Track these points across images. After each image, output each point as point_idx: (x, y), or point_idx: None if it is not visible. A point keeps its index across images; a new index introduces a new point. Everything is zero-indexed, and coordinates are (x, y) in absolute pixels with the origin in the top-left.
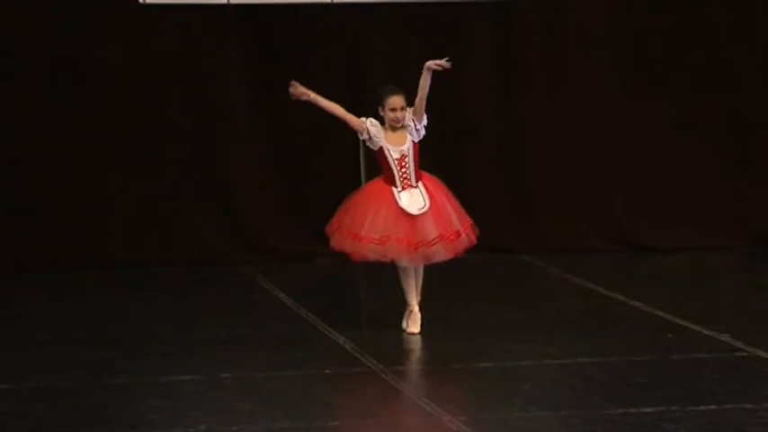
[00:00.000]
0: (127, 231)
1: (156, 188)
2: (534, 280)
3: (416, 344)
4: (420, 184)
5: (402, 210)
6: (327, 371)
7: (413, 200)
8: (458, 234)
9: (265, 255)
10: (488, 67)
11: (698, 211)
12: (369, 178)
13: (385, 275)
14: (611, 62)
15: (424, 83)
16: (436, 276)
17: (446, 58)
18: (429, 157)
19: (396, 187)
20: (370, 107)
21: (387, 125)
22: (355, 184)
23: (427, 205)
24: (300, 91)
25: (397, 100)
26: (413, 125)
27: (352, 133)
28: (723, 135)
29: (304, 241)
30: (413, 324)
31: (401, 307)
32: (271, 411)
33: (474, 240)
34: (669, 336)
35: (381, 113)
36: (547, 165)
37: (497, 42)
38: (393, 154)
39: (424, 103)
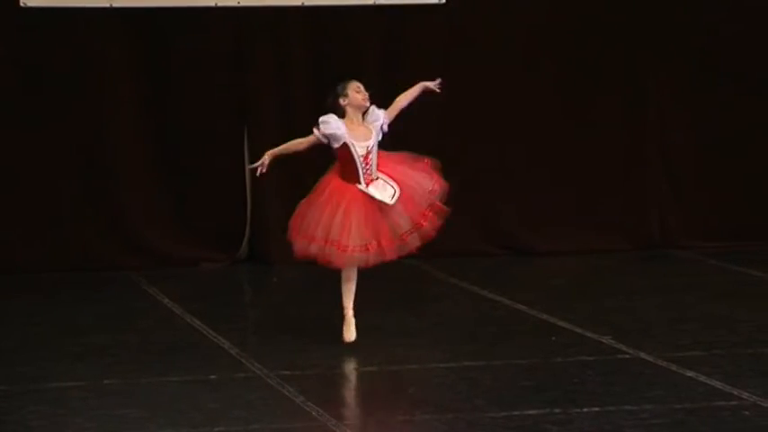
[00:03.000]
0: (7, 235)
1: (37, 190)
2: (420, 284)
3: (301, 349)
4: (380, 174)
5: (373, 207)
6: (212, 376)
7: (380, 189)
8: (426, 212)
9: (150, 260)
10: (374, 68)
11: (583, 215)
12: (254, 182)
13: (274, 281)
14: (503, 61)
15: (412, 95)
16: (321, 280)
17: (438, 81)
18: (312, 158)
19: (359, 184)
20: (253, 109)
21: (349, 115)
22: (240, 188)
23: (397, 192)
24: (263, 164)
25: (358, 84)
26: (381, 123)
27: (238, 137)
28: (612, 139)
29: (189, 246)
30: (348, 331)
31: (287, 312)
32: (155, 417)
33: (443, 187)
34: (553, 339)
35: (344, 103)
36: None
37: (382, 44)
38: (358, 150)
39: (399, 111)
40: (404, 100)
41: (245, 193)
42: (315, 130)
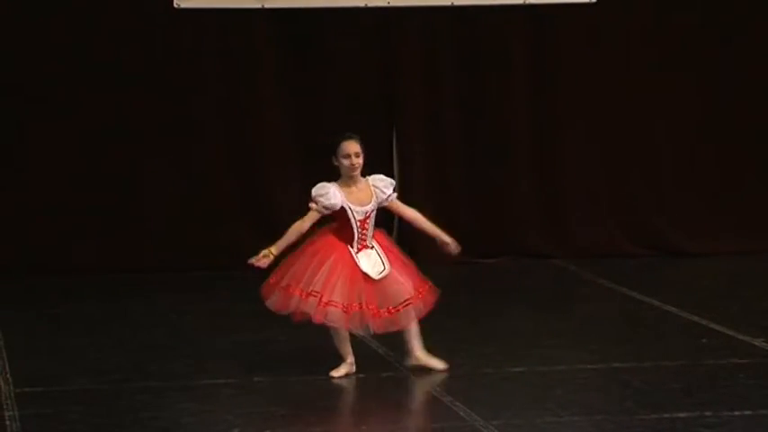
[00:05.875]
0: (160, 235)
1: (189, 191)
2: (567, 284)
3: (449, 348)
4: (375, 243)
5: (363, 273)
6: (360, 375)
7: (371, 262)
8: (427, 288)
9: None
10: (523, 67)
11: (732, 215)
12: (402, 178)
13: None
14: (646, 62)
15: (428, 229)
16: (466, 281)
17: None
18: (460, 159)
19: (351, 247)
20: (402, 109)
21: (344, 178)
22: None
23: (387, 268)
24: (261, 260)
25: (350, 145)
26: (386, 195)
27: (387, 137)
28: (760, 138)
29: None
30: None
31: (434, 311)
32: (303, 415)
33: (432, 304)
34: (703, 340)
35: (336, 164)
36: (579, 168)
37: (532, 43)
38: (356, 215)
39: (406, 219)
40: (419, 223)
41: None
42: (312, 206)
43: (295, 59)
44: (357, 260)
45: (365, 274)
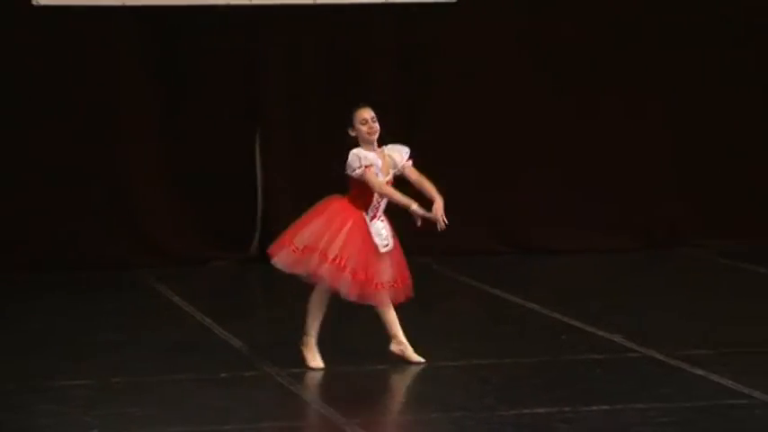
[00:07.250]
0: (20, 235)
1: (49, 190)
2: (430, 282)
3: None
4: (385, 219)
5: (371, 241)
6: (222, 374)
7: (381, 235)
8: (406, 282)
9: (160, 258)
10: (393, 67)
11: (593, 214)
12: (265, 182)
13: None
14: (513, 60)
15: (428, 190)
16: None
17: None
18: (323, 161)
19: (366, 214)
20: (266, 108)
21: (364, 146)
22: (250, 188)
23: (391, 245)
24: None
25: (366, 111)
26: (401, 163)
27: (249, 137)
28: (622, 138)
29: (199, 245)
30: (313, 358)
31: (297, 310)
32: (164, 416)
33: (410, 294)
34: (563, 337)
35: (353, 134)
36: (441, 166)
37: (403, 43)
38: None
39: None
40: (423, 185)
41: (257, 191)
42: (371, 169)
43: (158, 58)
44: (370, 229)
45: (374, 246)
